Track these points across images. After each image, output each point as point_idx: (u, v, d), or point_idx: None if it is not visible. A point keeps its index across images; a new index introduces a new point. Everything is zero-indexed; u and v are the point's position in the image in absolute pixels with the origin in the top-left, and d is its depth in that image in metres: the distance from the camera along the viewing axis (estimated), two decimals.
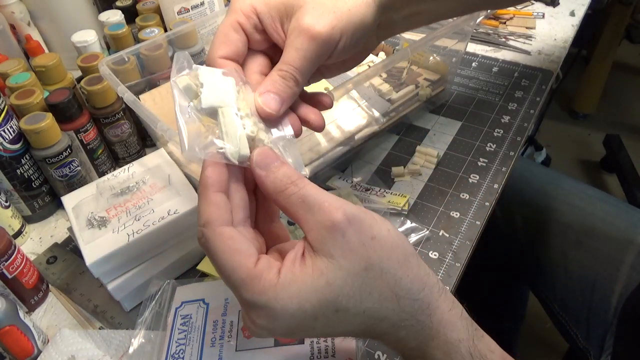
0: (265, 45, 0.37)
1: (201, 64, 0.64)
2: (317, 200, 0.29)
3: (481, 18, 0.84)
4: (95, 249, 0.44)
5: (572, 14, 0.87)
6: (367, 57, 0.42)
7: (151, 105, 0.57)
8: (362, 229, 0.29)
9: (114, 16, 0.67)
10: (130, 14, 0.69)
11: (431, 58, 0.66)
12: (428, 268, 0.31)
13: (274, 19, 0.35)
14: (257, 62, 0.37)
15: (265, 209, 0.35)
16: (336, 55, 0.36)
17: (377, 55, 0.73)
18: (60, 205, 0.60)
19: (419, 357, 0.31)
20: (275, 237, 0.34)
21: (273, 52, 0.38)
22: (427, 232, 0.53)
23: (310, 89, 0.64)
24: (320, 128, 0.37)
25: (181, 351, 0.42)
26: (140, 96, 0.56)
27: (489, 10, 0.84)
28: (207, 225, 0.29)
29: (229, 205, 0.30)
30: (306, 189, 0.29)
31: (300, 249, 0.30)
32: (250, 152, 0.31)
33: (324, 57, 0.35)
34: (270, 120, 0.34)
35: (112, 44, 0.65)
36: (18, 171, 0.54)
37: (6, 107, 0.52)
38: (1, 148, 0.52)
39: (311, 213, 0.29)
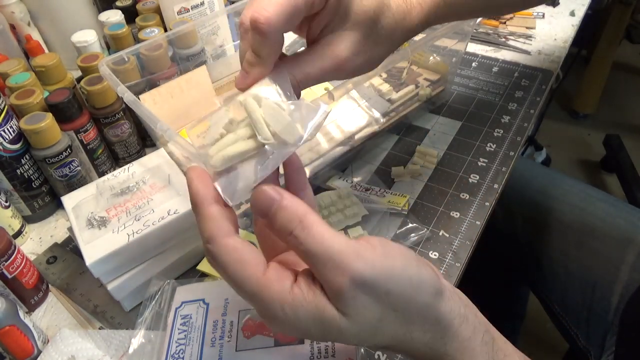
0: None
1: (202, 63, 0.64)
2: (321, 259, 0.27)
3: (481, 18, 0.84)
4: (95, 249, 0.44)
5: (572, 14, 0.87)
6: (381, 62, 0.40)
7: (151, 105, 0.57)
8: (374, 287, 0.27)
9: (114, 16, 0.67)
10: (130, 14, 0.69)
11: (431, 58, 0.66)
12: (453, 301, 0.30)
13: None
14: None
15: (292, 180, 0.34)
16: (374, 37, 0.35)
17: None
18: (60, 205, 0.60)
19: None
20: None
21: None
22: (427, 232, 0.53)
23: (309, 88, 0.64)
24: None
25: (181, 351, 0.42)
26: (140, 96, 0.56)
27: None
28: (210, 240, 0.28)
29: (226, 214, 0.29)
30: (307, 242, 0.27)
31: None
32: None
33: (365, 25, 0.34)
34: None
35: (112, 44, 0.65)
36: (18, 171, 0.54)
37: (6, 107, 0.52)
38: (1, 148, 0.52)
39: (316, 269, 0.27)
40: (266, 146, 0.30)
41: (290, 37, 0.85)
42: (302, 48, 0.37)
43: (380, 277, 0.27)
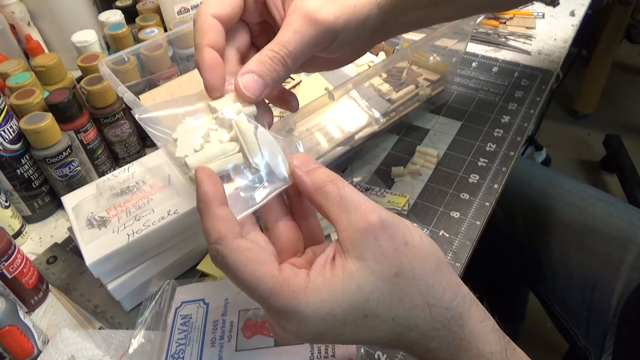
0: (256, 19, 0.36)
1: None
2: (354, 201, 0.29)
3: (481, 18, 0.84)
4: (95, 249, 0.44)
5: (572, 14, 0.87)
6: (354, 60, 0.41)
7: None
8: (396, 235, 0.28)
9: (114, 16, 0.67)
10: (130, 14, 0.69)
11: (431, 58, 0.66)
12: (459, 278, 0.31)
13: None
14: (240, 37, 0.36)
15: (299, 206, 0.34)
16: (332, 48, 0.35)
17: (377, 55, 0.73)
18: (60, 205, 0.60)
19: None
20: (310, 234, 0.33)
21: (258, 31, 0.37)
22: (427, 232, 0.53)
23: (309, 88, 0.65)
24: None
25: (181, 351, 0.42)
26: (140, 96, 0.56)
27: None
28: (220, 241, 0.27)
29: (234, 218, 0.29)
30: (345, 189, 0.29)
31: (332, 251, 0.29)
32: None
33: (320, 47, 0.34)
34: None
35: (112, 44, 0.65)
36: (18, 171, 0.54)
37: (6, 107, 0.52)
38: (1, 148, 0.52)
39: (347, 213, 0.28)
40: (259, 173, 0.31)
41: None
42: None
43: (401, 225, 0.29)
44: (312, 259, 0.30)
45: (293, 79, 0.65)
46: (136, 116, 0.33)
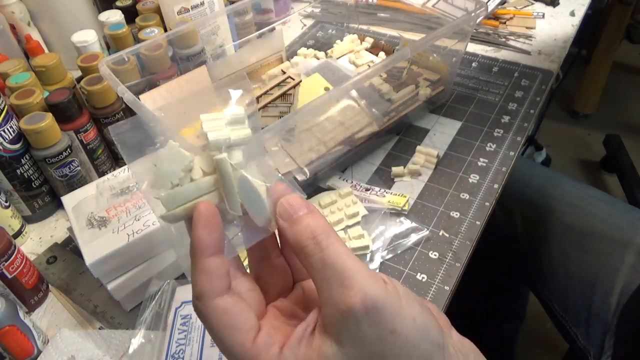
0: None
1: (202, 63, 0.64)
2: (338, 271, 0.25)
3: (481, 18, 0.84)
4: (95, 249, 0.44)
5: (572, 14, 0.87)
6: None
7: (151, 105, 0.57)
8: (382, 321, 0.24)
9: (114, 16, 0.67)
10: (130, 14, 0.69)
11: (431, 58, 0.66)
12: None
13: None
14: None
15: (295, 266, 0.31)
16: None
17: (377, 55, 0.73)
18: (60, 205, 0.60)
19: None
20: (301, 267, 0.30)
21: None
22: (427, 232, 0.53)
23: (309, 87, 0.65)
24: None
25: (181, 351, 0.42)
26: (140, 96, 0.56)
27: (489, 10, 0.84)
28: (199, 297, 0.26)
29: (224, 268, 0.26)
30: (328, 251, 0.25)
31: (313, 321, 0.26)
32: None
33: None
34: None
35: (112, 44, 0.65)
36: (18, 171, 0.54)
37: (6, 107, 0.52)
38: (1, 148, 0.52)
39: (328, 284, 0.25)
40: (234, 220, 0.28)
41: (289, 38, 0.85)
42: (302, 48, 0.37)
43: (391, 307, 0.25)
44: (300, 300, 0.29)
45: (293, 79, 0.65)
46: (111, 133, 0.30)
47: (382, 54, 0.72)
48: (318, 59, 0.74)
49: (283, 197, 0.27)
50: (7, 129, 0.52)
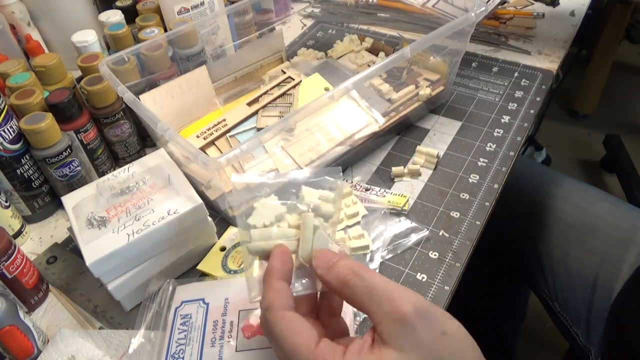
0: None
1: (202, 63, 0.64)
2: (385, 291, 0.29)
3: (481, 18, 0.84)
4: (95, 249, 0.44)
5: (572, 14, 0.87)
6: None
7: (151, 105, 0.57)
8: (433, 324, 0.28)
9: (114, 16, 0.67)
10: (130, 14, 0.69)
11: (431, 58, 0.66)
12: None
13: None
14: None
15: (327, 302, 0.35)
16: None
17: (377, 55, 0.73)
18: (60, 205, 0.60)
19: None
20: (336, 330, 0.34)
21: None
22: (427, 232, 0.53)
23: (309, 87, 0.65)
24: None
25: (181, 351, 0.42)
26: (141, 96, 0.56)
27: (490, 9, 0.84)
28: (269, 309, 0.31)
29: (289, 293, 0.32)
30: (372, 279, 0.29)
31: (369, 338, 0.29)
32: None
33: None
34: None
35: (112, 44, 0.65)
36: (18, 171, 0.54)
37: (6, 107, 0.52)
38: (1, 148, 0.52)
39: (378, 304, 0.29)
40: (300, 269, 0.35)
41: (289, 38, 0.85)
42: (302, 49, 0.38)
43: (438, 314, 0.29)
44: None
45: (293, 79, 0.65)
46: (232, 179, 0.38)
47: (382, 54, 0.72)
48: (318, 59, 0.74)
49: (315, 254, 0.33)
50: (7, 129, 0.52)
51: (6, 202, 0.54)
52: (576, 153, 1.77)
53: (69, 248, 0.56)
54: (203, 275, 0.51)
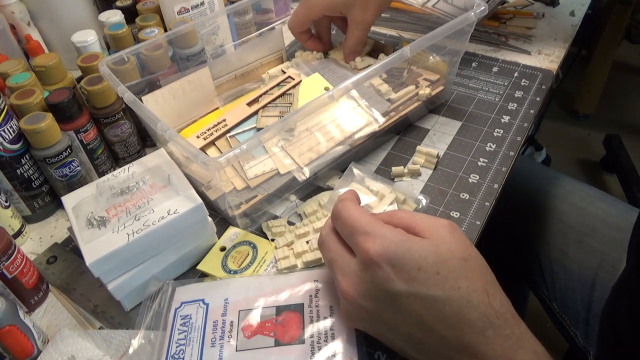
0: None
1: (201, 63, 0.65)
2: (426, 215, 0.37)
3: (481, 18, 0.84)
4: (95, 248, 0.44)
5: (572, 14, 0.87)
6: None
7: (153, 106, 0.57)
8: (464, 237, 0.36)
9: (114, 16, 0.67)
10: (130, 14, 0.69)
11: (431, 58, 0.66)
12: None
13: None
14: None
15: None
16: None
17: (376, 55, 0.73)
18: (60, 205, 0.60)
19: None
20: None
21: None
22: None
23: (309, 87, 0.64)
24: None
25: (181, 352, 0.42)
26: (143, 97, 0.56)
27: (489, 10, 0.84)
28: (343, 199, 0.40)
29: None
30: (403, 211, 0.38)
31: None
32: None
33: None
34: None
35: (112, 44, 0.65)
36: (18, 171, 0.54)
37: (6, 107, 0.52)
38: (1, 148, 0.52)
39: (424, 218, 0.36)
40: None
41: (289, 38, 0.85)
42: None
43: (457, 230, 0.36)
44: None
45: (293, 79, 0.65)
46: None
47: (381, 54, 0.72)
48: (317, 59, 0.74)
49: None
50: (7, 129, 0.52)
51: (6, 202, 0.54)
52: (576, 153, 1.77)
53: (69, 248, 0.56)
54: (203, 275, 0.51)
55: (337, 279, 0.37)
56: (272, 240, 0.53)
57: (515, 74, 0.74)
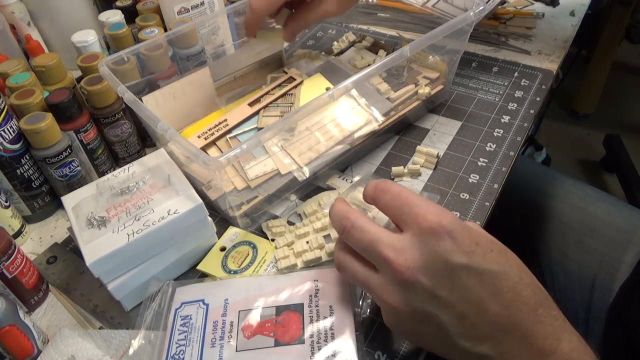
0: None
1: (201, 63, 0.64)
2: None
3: (480, 18, 0.84)
4: (95, 248, 0.44)
5: (572, 14, 0.87)
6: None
7: (153, 107, 0.57)
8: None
9: (114, 16, 0.67)
10: (130, 14, 0.69)
11: (430, 57, 0.66)
12: None
13: None
14: None
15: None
16: None
17: (376, 54, 0.73)
18: (60, 205, 0.60)
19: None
20: None
21: None
22: None
23: (309, 87, 0.64)
24: None
25: (181, 352, 0.42)
26: (143, 98, 0.56)
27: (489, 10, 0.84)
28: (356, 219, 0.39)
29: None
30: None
31: None
32: None
33: None
34: None
35: (112, 44, 0.65)
36: (18, 171, 0.54)
37: (6, 107, 0.52)
38: (1, 148, 0.52)
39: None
40: None
41: None
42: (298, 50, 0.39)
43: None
44: None
45: (294, 79, 0.65)
46: None
47: (381, 52, 0.72)
48: (313, 59, 0.74)
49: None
50: (7, 129, 0.52)
51: (6, 202, 0.54)
52: (576, 153, 1.77)
53: (69, 248, 0.56)
54: (203, 275, 0.51)
55: (389, 257, 0.34)
56: (272, 240, 0.53)
57: (515, 74, 0.74)
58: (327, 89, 0.62)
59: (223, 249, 0.52)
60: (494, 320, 0.32)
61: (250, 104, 0.61)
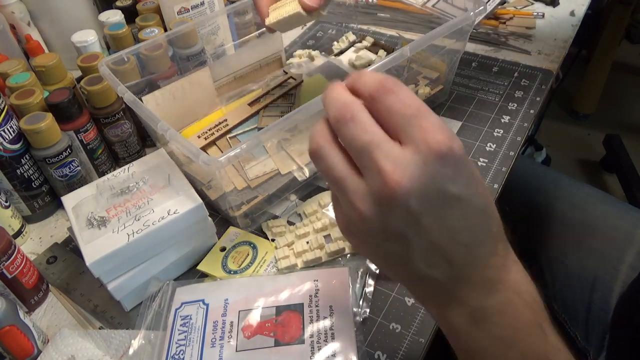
0: None
1: (201, 63, 0.65)
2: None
3: (480, 18, 0.84)
4: (95, 248, 0.44)
5: (572, 14, 0.87)
6: None
7: (153, 107, 0.57)
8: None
9: (114, 16, 0.67)
10: (130, 14, 0.69)
11: (430, 57, 0.66)
12: None
13: None
14: None
15: None
16: None
17: (376, 54, 0.73)
18: (60, 205, 0.60)
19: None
20: None
21: None
22: None
23: (311, 88, 0.64)
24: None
25: (181, 352, 0.42)
26: (143, 98, 0.56)
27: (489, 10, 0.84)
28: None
29: None
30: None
31: None
32: None
33: None
34: None
35: (112, 44, 0.65)
36: (18, 171, 0.54)
37: (6, 107, 0.52)
38: (1, 148, 0.52)
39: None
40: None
41: (289, 38, 0.85)
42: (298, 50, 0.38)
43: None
44: None
45: (294, 79, 0.65)
46: None
47: (381, 52, 0.72)
48: (313, 59, 0.74)
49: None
50: (7, 129, 0.52)
51: (6, 202, 0.54)
52: (576, 153, 1.77)
53: (69, 248, 0.56)
54: (203, 276, 0.51)
55: (384, 169, 0.29)
56: (272, 240, 0.53)
57: (515, 74, 0.74)
58: None
59: (223, 249, 0.52)
60: (458, 249, 0.31)
61: (250, 104, 0.61)
